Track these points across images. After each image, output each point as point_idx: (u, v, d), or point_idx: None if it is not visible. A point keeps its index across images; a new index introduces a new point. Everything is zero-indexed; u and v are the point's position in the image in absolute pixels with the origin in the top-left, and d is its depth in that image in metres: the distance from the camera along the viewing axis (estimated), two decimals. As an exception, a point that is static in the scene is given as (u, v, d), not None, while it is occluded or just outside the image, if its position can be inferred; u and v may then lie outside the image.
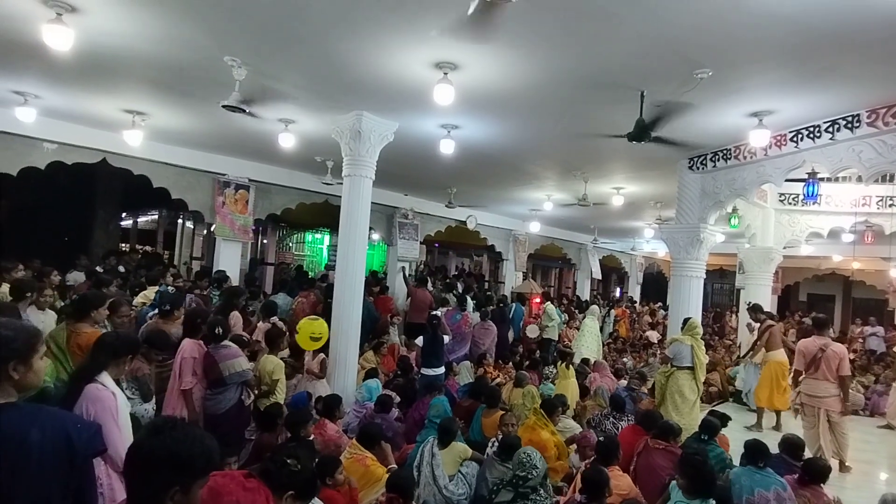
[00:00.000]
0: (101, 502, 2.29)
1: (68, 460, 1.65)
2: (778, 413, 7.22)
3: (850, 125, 4.86)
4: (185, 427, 1.43)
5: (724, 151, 6.25)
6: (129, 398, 3.56)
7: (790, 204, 8.90)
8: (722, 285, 19.67)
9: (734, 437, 5.23)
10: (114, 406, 2.48)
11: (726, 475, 3.81)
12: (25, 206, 10.37)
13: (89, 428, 1.87)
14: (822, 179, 7.25)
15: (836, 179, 8.14)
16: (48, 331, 3.74)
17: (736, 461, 4.22)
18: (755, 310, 7.83)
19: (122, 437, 2.47)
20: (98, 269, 7.98)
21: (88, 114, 6.52)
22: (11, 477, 1.55)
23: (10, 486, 1.55)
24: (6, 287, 4.80)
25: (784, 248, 9.15)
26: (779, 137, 5.47)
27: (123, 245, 13.16)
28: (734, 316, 13.23)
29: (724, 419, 5.07)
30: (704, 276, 6.89)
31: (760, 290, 8.94)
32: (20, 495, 1.57)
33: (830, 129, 5.01)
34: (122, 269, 8.68)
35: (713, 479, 3.08)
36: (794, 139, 5.36)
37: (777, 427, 7.09)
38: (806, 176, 6.74)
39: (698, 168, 6.61)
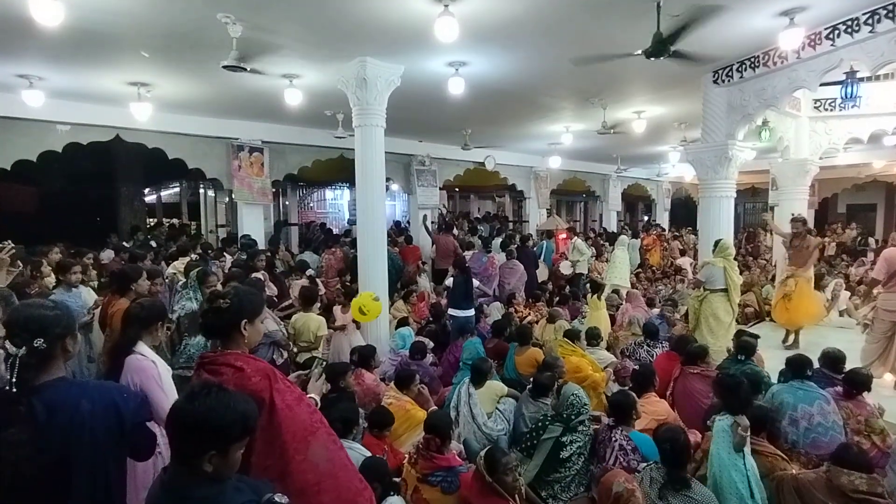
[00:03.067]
0: (159, 461, 2.42)
1: (118, 428, 1.74)
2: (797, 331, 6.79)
3: (891, 14, 4.43)
4: (220, 394, 1.45)
5: (752, 59, 5.83)
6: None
7: (826, 110, 8.33)
8: (754, 204, 18.98)
9: (770, 356, 5.17)
10: (156, 373, 2.55)
11: (765, 394, 3.79)
12: (51, 191, 10.62)
13: (135, 398, 1.97)
14: (861, 79, 6.70)
15: (878, 78, 7.54)
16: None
17: (773, 379, 4.20)
18: (798, 221, 6.99)
19: (168, 402, 2.56)
20: (124, 244, 8.18)
21: (94, 91, 6.48)
22: (68, 447, 1.63)
23: (67, 456, 1.64)
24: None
25: (820, 158, 8.68)
26: (812, 36, 5.06)
27: (151, 220, 13.44)
28: (768, 235, 12.80)
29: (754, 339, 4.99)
30: (735, 196, 6.63)
31: (796, 206, 8.53)
32: (78, 463, 1.66)
33: (870, 21, 4.58)
34: (153, 243, 8.89)
35: (746, 399, 3.14)
36: (830, 36, 4.94)
37: (794, 344, 6.69)
38: (843, 77, 6.23)
39: (724, 81, 6.21)
